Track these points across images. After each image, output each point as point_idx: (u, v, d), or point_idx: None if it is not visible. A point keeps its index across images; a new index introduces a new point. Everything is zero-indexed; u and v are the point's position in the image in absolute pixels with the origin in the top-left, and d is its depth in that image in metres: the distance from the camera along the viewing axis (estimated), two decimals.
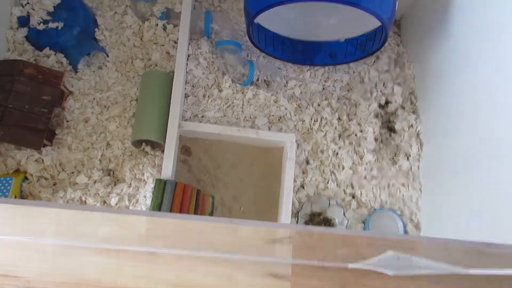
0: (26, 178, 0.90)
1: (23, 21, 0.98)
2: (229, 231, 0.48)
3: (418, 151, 1.08)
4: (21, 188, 0.88)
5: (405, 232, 1.02)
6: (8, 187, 0.82)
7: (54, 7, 0.99)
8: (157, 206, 0.82)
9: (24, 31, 0.97)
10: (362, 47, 1.13)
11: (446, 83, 0.99)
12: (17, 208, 0.44)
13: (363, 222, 1.03)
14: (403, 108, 1.13)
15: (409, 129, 1.10)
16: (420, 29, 1.14)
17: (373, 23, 1.05)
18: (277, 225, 0.56)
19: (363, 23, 1.07)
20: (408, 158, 1.08)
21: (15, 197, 0.85)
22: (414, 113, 1.12)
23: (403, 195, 1.05)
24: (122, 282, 0.44)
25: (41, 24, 0.97)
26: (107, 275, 0.44)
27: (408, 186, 1.06)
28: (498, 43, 0.81)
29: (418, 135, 1.10)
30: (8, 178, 0.83)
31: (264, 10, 0.88)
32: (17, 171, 0.90)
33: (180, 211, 0.85)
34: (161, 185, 0.84)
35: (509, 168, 0.74)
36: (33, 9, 0.98)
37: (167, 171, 0.87)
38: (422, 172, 1.06)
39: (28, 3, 0.98)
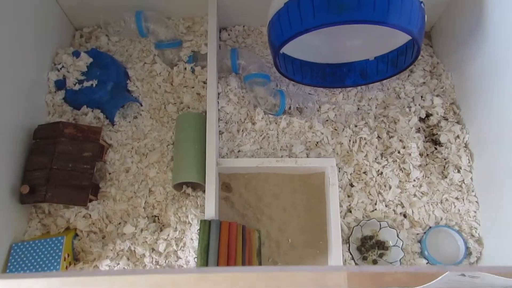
0: (76, 234, 0.92)
1: (60, 84, 1.03)
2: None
3: (469, 162, 1.01)
4: (73, 246, 0.91)
5: (467, 249, 0.95)
6: (60, 247, 0.84)
7: (87, 66, 1.04)
8: (205, 248, 0.81)
9: (61, 93, 1.02)
10: (394, 63, 1.09)
11: (489, 89, 0.94)
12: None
13: (419, 242, 0.97)
14: (446, 119, 1.08)
15: (455, 140, 1.04)
16: (454, 37, 1.10)
17: (402, 38, 1.02)
18: (330, 269, 0.53)
19: (391, 39, 1.04)
20: (459, 171, 1.02)
21: (68, 255, 0.87)
22: (458, 123, 1.06)
23: (459, 210, 0.99)
24: None
25: (77, 84, 1.02)
26: None
27: (463, 199, 1.00)
28: None
29: (466, 145, 1.04)
30: (59, 238, 0.85)
31: (289, 41, 0.88)
32: (67, 229, 0.93)
33: (228, 250, 0.83)
34: (206, 226, 0.83)
35: None
36: (68, 72, 1.03)
37: (210, 211, 0.87)
38: (477, 183, 1.00)
39: (63, 66, 1.04)
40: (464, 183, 1.01)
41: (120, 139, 1.03)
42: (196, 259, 0.80)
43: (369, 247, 0.96)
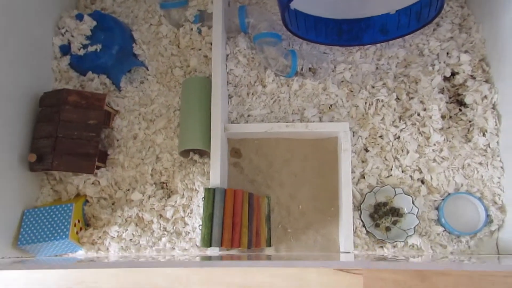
0: (87, 201, 0.94)
1: (65, 49, 1.01)
2: None
3: (496, 124, 0.94)
4: (83, 212, 0.92)
5: (488, 216, 0.89)
6: (70, 213, 0.85)
7: (91, 30, 1.01)
8: (209, 216, 0.80)
9: (66, 59, 1.01)
10: (417, 17, 1.00)
11: None
12: None
13: (437, 209, 0.92)
14: (473, 78, 0.99)
15: (482, 101, 0.96)
16: None
17: None
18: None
19: None
20: (484, 134, 0.94)
21: (79, 221, 0.89)
22: (487, 82, 0.97)
23: (481, 176, 0.93)
24: None
25: (81, 49, 1.00)
26: None
27: (487, 165, 0.93)
28: None
29: (494, 106, 0.95)
30: (69, 205, 0.87)
31: None
32: (77, 195, 0.94)
33: (233, 218, 0.82)
34: (210, 195, 0.81)
35: None
36: (73, 36, 1.01)
37: (215, 178, 0.85)
38: (503, 147, 0.92)
39: (67, 31, 1.01)
40: (489, 147, 0.94)
41: (127, 105, 1.01)
42: (200, 227, 0.80)
43: (382, 214, 0.92)
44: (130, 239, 0.90)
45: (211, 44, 1.03)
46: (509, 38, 0.91)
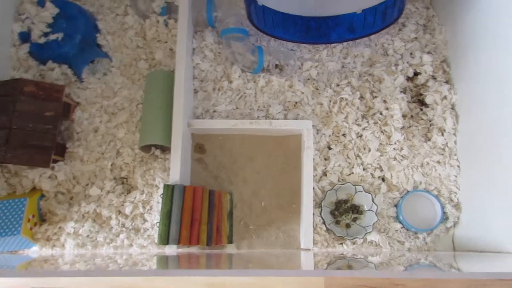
0: (43, 195, 0.91)
1: (25, 36, 0.98)
2: None
3: (454, 124, 0.96)
4: (39, 207, 0.89)
5: (444, 214, 0.92)
6: (23, 208, 0.83)
7: (53, 17, 0.98)
8: (167, 213, 0.79)
9: (26, 47, 0.97)
10: (383, 16, 1.01)
11: (483, 46, 0.87)
12: None
13: (396, 206, 0.94)
14: (434, 78, 1.01)
15: (442, 101, 0.98)
16: None
17: None
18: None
19: None
20: (442, 134, 0.97)
21: (33, 216, 0.86)
22: (447, 83, 1.00)
23: (439, 174, 0.95)
24: None
25: (42, 37, 0.96)
26: None
27: (444, 163, 0.95)
28: None
29: (453, 107, 0.98)
30: (22, 199, 0.84)
31: None
32: (33, 189, 0.91)
33: (192, 215, 0.81)
34: (169, 191, 0.80)
35: None
36: (33, 23, 0.97)
37: (175, 175, 0.84)
38: (460, 147, 0.95)
39: (27, 17, 0.98)
40: (447, 146, 0.96)
41: (89, 97, 0.99)
42: (158, 224, 0.78)
43: (343, 211, 0.93)
44: (87, 236, 0.88)
45: None
46: (469, 40, 0.93)
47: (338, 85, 1.02)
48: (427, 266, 0.71)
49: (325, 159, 0.97)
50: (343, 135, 0.98)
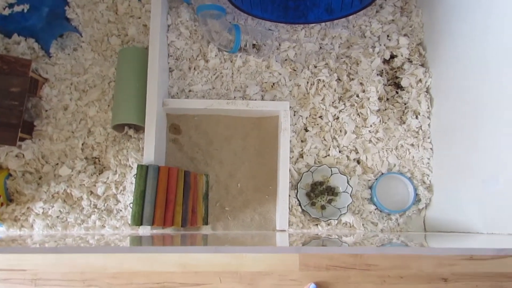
0: (10, 175, 0.87)
1: None
2: None
3: (428, 108, 0.97)
4: (6, 186, 0.86)
5: (416, 195, 0.94)
6: None
7: None
8: (141, 194, 0.77)
9: None
10: None
11: (459, 30, 0.87)
12: None
13: (370, 188, 0.95)
14: (410, 61, 1.01)
15: (417, 84, 0.99)
16: None
17: None
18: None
19: None
20: (417, 116, 0.98)
21: None
22: (423, 66, 1.00)
23: (413, 156, 0.97)
24: None
25: (6, 8, 0.91)
26: None
27: (418, 146, 0.97)
28: None
29: (428, 90, 0.99)
30: None
31: None
32: None
33: (167, 196, 0.80)
34: (142, 172, 0.78)
35: None
36: None
37: (149, 155, 0.82)
38: (434, 130, 0.96)
39: None
40: (421, 129, 0.98)
41: (58, 73, 0.94)
42: (131, 205, 0.77)
43: (318, 193, 0.94)
44: (57, 216, 0.85)
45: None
46: (445, 24, 0.94)
47: (315, 67, 1.01)
48: (399, 245, 0.72)
49: (302, 141, 0.97)
50: (320, 117, 0.98)
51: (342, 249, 0.49)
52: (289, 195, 0.91)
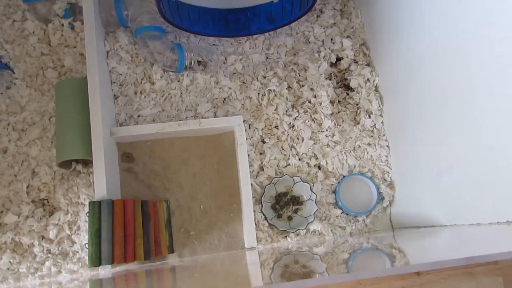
0: None
1: None
2: None
3: (379, 106, 0.98)
4: None
5: (379, 194, 0.94)
6: None
7: None
8: (96, 232, 0.72)
9: None
10: (299, 4, 1.01)
11: (398, 27, 0.89)
12: None
13: (334, 192, 0.95)
14: (356, 62, 1.03)
15: (366, 84, 1.00)
16: None
17: None
18: None
19: None
20: (370, 116, 0.99)
21: None
22: (368, 65, 1.02)
23: (371, 156, 0.97)
24: None
25: None
26: None
27: (375, 145, 0.98)
28: None
29: (376, 88, 1.00)
30: None
31: None
32: None
33: (125, 230, 0.75)
34: (95, 209, 0.74)
35: (480, 117, 0.65)
36: None
37: (101, 189, 0.77)
38: (387, 127, 0.98)
39: None
40: (375, 127, 0.98)
41: None
42: (87, 246, 0.72)
43: (283, 204, 0.92)
44: (7, 268, 0.78)
45: None
46: (383, 23, 0.95)
47: (264, 77, 1.00)
48: (370, 250, 0.71)
49: (261, 154, 0.95)
50: (276, 127, 0.97)
51: (316, 281, 0.47)
52: (254, 211, 0.88)
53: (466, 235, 0.63)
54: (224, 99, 0.98)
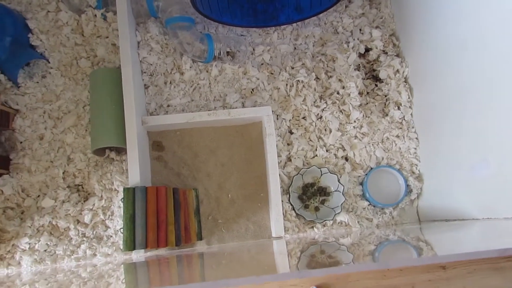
0: None
1: None
2: None
3: (409, 97, 0.97)
4: None
5: (407, 187, 0.94)
6: None
7: None
8: (130, 217, 0.75)
9: None
10: None
11: (429, 17, 0.87)
12: None
13: (361, 184, 0.95)
14: (385, 53, 1.02)
15: (395, 75, 0.99)
16: None
17: None
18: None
19: None
20: (399, 107, 0.98)
21: None
22: (398, 56, 1.01)
23: (399, 148, 0.97)
24: None
25: None
26: None
27: (403, 137, 0.97)
28: None
29: (406, 80, 0.99)
30: None
31: None
32: None
33: (158, 217, 0.77)
34: (130, 195, 0.76)
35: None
36: None
37: (135, 176, 0.79)
38: (417, 119, 0.97)
39: None
40: (404, 119, 0.98)
41: (29, 102, 0.91)
42: (122, 230, 0.74)
43: (310, 195, 0.93)
44: (45, 250, 0.82)
45: None
46: (415, 12, 0.94)
47: (292, 68, 1.01)
48: (396, 242, 0.71)
49: (288, 144, 0.95)
50: (303, 118, 0.97)
51: (343, 269, 0.48)
52: (282, 201, 0.89)
53: (500, 229, 0.63)
54: (252, 89, 0.99)
